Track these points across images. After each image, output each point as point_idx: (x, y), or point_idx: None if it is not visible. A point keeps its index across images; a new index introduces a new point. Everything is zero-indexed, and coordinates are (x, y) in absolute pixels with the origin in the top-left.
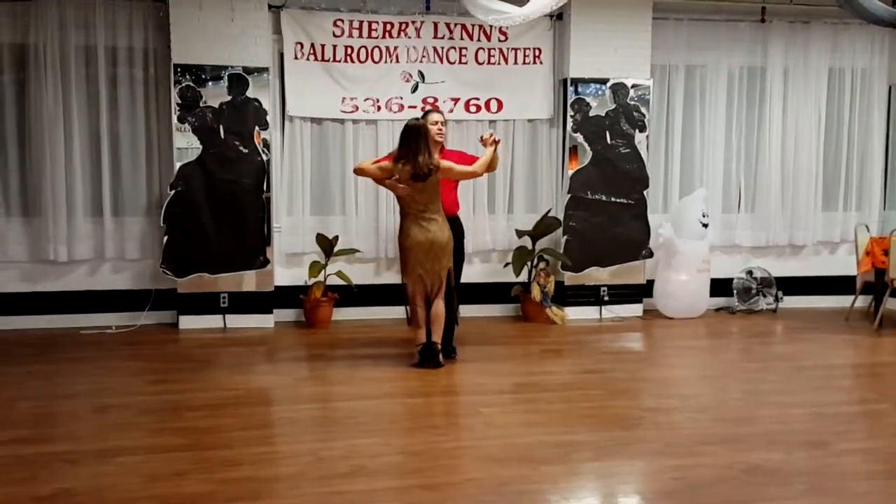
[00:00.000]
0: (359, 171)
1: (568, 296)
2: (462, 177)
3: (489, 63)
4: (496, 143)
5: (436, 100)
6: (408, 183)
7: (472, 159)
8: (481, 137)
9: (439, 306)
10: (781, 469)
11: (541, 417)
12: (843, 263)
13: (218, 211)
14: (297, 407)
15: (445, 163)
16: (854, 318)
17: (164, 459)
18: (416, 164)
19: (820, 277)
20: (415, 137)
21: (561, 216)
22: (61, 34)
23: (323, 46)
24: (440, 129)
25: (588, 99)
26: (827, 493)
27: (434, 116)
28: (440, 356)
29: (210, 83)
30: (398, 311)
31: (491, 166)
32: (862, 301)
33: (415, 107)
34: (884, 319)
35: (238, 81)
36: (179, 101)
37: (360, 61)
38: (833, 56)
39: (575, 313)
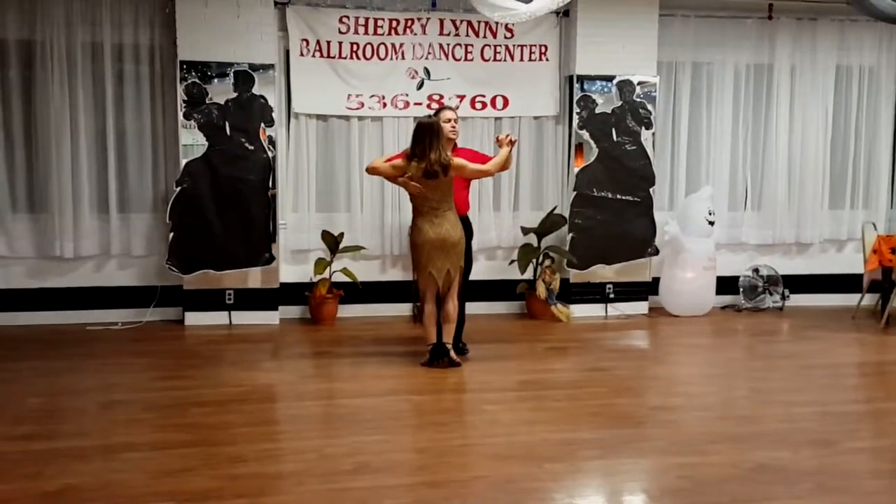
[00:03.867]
0: (372, 171)
1: (573, 293)
2: (474, 175)
3: (495, 60)
4: (512, 144)
5: (441, 97)
6: (420, 181)
7: (484, 158)
8: (497, 138)
9: (451, 306)
10: (788, 468)
11: (546, 415)
12: (850, 261)
13: (223, 208)
14: (302, 404)
15: (458, 160)
16: (861, 317)
17: (170, 455)
18: (429, 161)
19: (827, 275)
20: (428, 135)
21: (566, 213)
22: (67, 31)
23: (329, 43)
24: (453, 127)
25: (594, 96)
26: (834, 492)
27: (447, 114)
28: (453, 354)
29: (216, 80)
30: (403, 309)
31: (504, 166)
32: (869, 299)
33: (420, 104)
34: (891, 318)
35: (244, 78)
36: (185, 98)
37: (366, 58)
38: (840, 53)
39: (580, 311)
